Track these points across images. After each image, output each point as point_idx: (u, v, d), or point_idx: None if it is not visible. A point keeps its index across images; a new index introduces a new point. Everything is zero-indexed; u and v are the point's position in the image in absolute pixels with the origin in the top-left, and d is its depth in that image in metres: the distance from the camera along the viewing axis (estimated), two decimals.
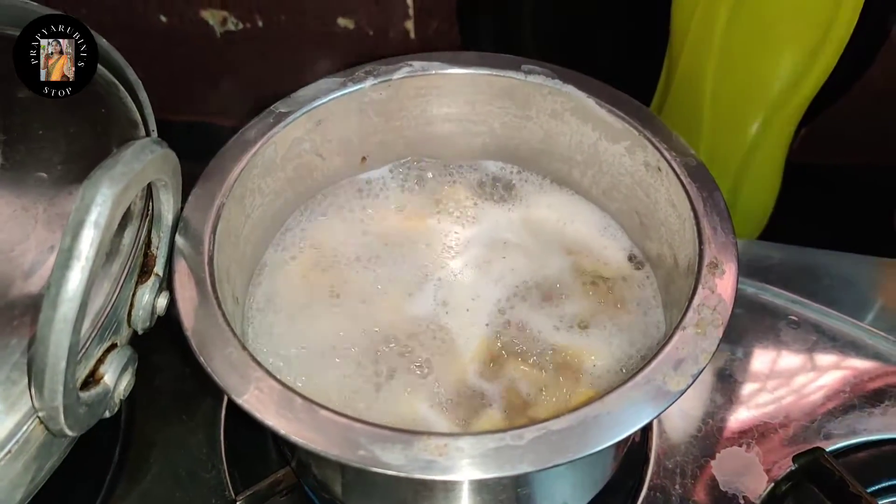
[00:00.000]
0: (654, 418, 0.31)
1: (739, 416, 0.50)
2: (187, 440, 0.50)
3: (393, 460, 0.30)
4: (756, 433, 0.50)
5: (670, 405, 0.32)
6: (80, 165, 0.38)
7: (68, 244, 0.27)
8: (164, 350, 0.52)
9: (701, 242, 0.37)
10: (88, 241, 0.27)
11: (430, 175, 0.49)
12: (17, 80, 0.38)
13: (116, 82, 0.44)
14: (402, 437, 0.30)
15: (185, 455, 0.50)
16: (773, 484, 0.47)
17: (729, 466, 0.48)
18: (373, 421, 0.38)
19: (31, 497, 0.34)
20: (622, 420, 0.31)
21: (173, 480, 0.49)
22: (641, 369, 0.33)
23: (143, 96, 0.43)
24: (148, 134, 0.41)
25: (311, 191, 0.47)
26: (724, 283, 0.35)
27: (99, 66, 0.44)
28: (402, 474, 0.29)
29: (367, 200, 0.48)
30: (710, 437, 0.49)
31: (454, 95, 0.47)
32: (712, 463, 0.48)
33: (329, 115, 0.45)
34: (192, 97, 0.80)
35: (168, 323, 0.39)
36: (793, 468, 0.48)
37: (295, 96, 0.44)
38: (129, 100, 0.43)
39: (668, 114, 0.61)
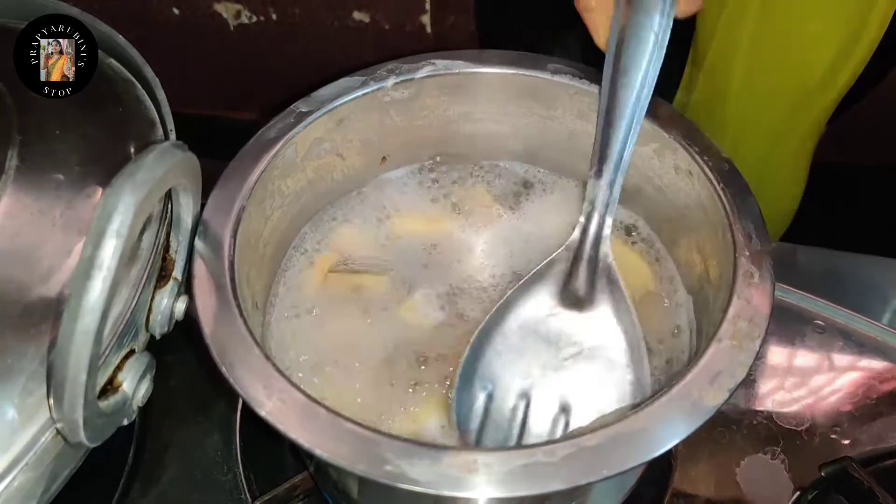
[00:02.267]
0: (690, 435, 0.30)
1: (764, 423, 0.49)
2: (202, 442, 0.50)
3: (421, 476, 0.29)
4: (781, 440, 0.49)
5: (706, 421, 0.31)
6: (97, 167, 0.37)
7: (89, 254, 0.26)
8: (178, 351, 0.51)
9: (735, 251, 0.36)
10: (110, 251, 0.26)
11: (451, 176, 0.48)
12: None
13: (133, 80, 0.43)
14: (430, 453, 0.29)
15: (201, 457, 0.49)
16: (798, 493, 0.47)
17: (753, 474, 0.47)
18: (391, 427, 0.38)
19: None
20: (656, 436, 0.30)
21: (188, 483, 0.48)
22: (676, 383, 0.32)
23: (161, 95, 0.42)
24: (166, 134, 0.40)
25: (331, 192, 0.46)
26: (760, 294, 0.34)
27: (116, 63, 0.44)
28: (430, 491, 0.29)
29: (387, 202, 0.47)
30: (734, 444, 0.48)
31: (478, 95, 0.45)
32: (736, 470, 0.48)
33: (350, 115, 0.44)
34: (205, 90, 0.79)
35: (183, 324, 0.38)
36: (819, 477, 0.47)
37: (315, 95, 0.43)
38: (146, 98, 0.42)
39: (691, 111, 0.59)
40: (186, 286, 0.37)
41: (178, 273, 0.37)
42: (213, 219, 0.37)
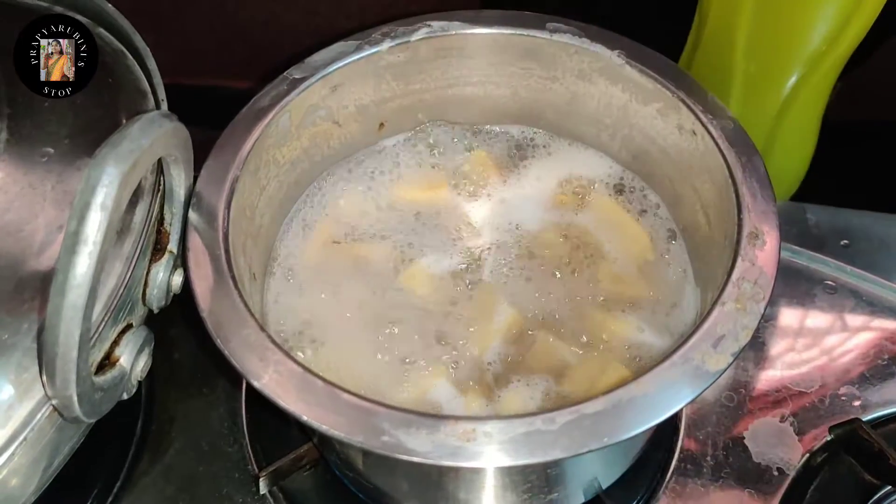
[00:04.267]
0: (693, 400, 0.30)
1: (773, 385, 0.49)
2: (208, 414, 0.50)
3: (418, 446, 0.28)
4: (790, 403, 0.48)
5: (709, 386, 0.30)
6: (87, 139, 0.37)
7: (74, 228, 0.25)
8: (182, 323, 0.51)
9: (740, 211, 0.35)
10: (95, 225, 0.25)
11: (451, 141, 0.47)
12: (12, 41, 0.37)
13: (124, 50, 0.42)
14: (428, 422, 0.29)
15: (207, 429, 0.49)
16: (808, 455, 0.46)
17: (762, 437, 0.47)
18: (394, 397, 0.38)
19: (53, 479, 0.34)
20: (658, 402, 0.30)
21: (196, 455, 0.48)
22: (678, 348, 0.31)
23: (152, 64, 0.41)
24: (157, 104, 0.40)
25: (328, 160, 0.46)
26: (765, 255, 0.33)
27: (106, 32, 0.43)
28: (428, 461, 0.28)
29: (385, 169, 0.46)
30: (742, 407, 0.48)
31: (476, 57, 0.44)
32: (745, 434, 0.47)
33: (345, 81, 0.43)
34: (203, 59, 0.78)
35: (186, 295, 0.38)
36: (829, 439, 0.46)
37: (309, 61, 0.42)
38: (136, 68, 0.41)
39: (697, 69, 0.58)
40: (181, 259, 0.36)
41: (173, 246, 0.37)
42: (207, 190, 0.37)
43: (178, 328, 0.52)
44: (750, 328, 0.31)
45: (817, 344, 0.51)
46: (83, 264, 0.25)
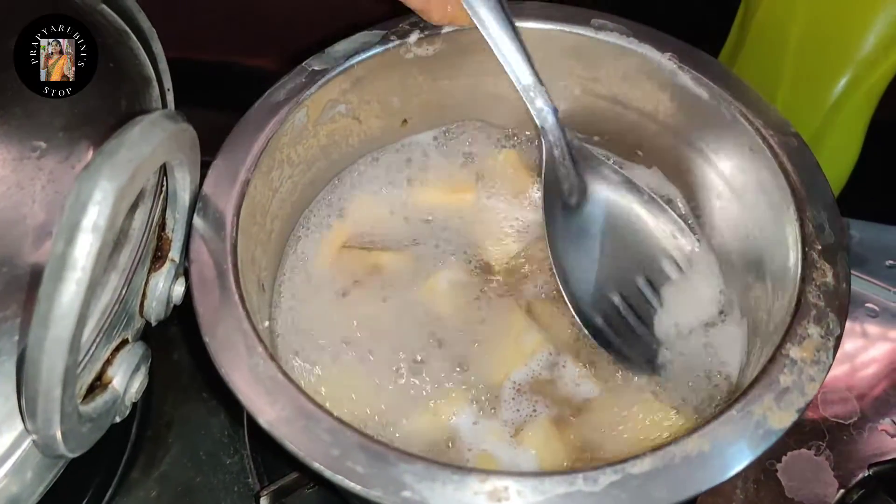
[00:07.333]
0: (753, 461, 0.27)
1: (808, 416, 0.46)
2: (208, 420, 0.47)
3: None
4: (827, 434, 0.46)
5: (771, 445, 0.27)
6: (84, 132, 0.33)
7: (61, 250, 0.22)
8: (182, 321, 0.48)
9: (804, 243, 0.32)
10: (85, 248, 0.22)
11: (479, 142, 0.44)
12: (11, 31, 0.34)
13: (128, 30, 0.39)
14: (454, 477, 0.26)
15: (206, 437, 0.47)
16: (843, 491, 0.43)
17: (796, 471, 0.44)
18: (407, 423, 0.35)
19: None
20: (714, 462, 0.26)
21: (193, 464, 0.46)
22: (736, 401, 0.28)
23: (158, 47, 0.38)
24: (162, 93, 0.36)
25: (347, 159, 0.43)
26: (834, 295, 0.30)
27: (108, 10, 0.39)
28: None
29: (408, 170, 0.43)
30: None
31: None
32: (777, 466, 0.45)
33: (368, 74, 0.39)
34: (216, 33, 0.74)
35: (185, 293, 0.34)
36: (867, 475, 0.44)
37: (330, 52, 0.39)
38: (141, 51, 0.38)
39: (741, 65, 0.54)
40: (184, 271, 0.33)
41: (174, 254, 0.33)
42: (214, 194, 0.33)
43: (178, 326, 0.49)
44: (817, 381, 0.28)
45: (857, 372, 0.48)
46: (70, 292, 0.22)
